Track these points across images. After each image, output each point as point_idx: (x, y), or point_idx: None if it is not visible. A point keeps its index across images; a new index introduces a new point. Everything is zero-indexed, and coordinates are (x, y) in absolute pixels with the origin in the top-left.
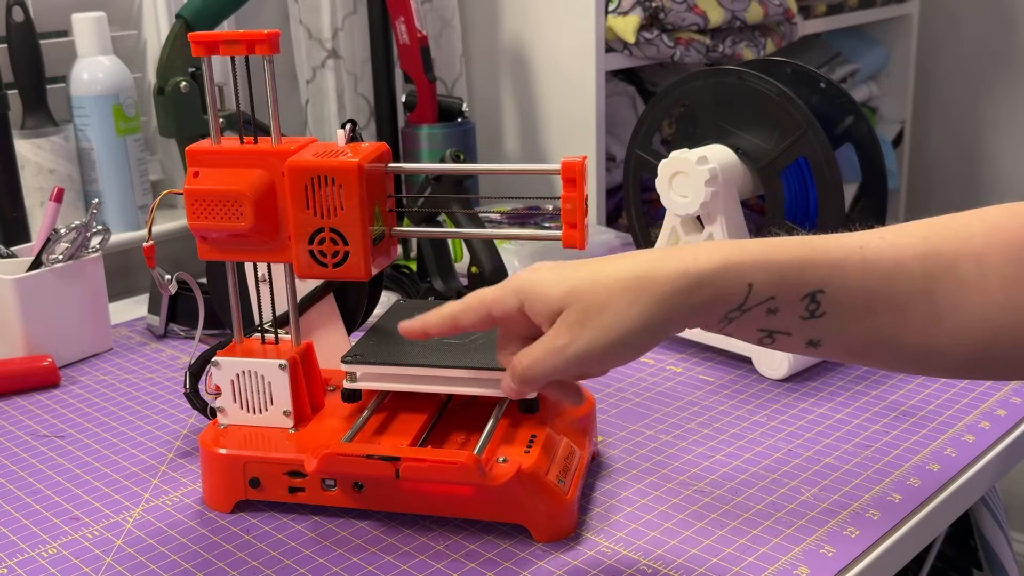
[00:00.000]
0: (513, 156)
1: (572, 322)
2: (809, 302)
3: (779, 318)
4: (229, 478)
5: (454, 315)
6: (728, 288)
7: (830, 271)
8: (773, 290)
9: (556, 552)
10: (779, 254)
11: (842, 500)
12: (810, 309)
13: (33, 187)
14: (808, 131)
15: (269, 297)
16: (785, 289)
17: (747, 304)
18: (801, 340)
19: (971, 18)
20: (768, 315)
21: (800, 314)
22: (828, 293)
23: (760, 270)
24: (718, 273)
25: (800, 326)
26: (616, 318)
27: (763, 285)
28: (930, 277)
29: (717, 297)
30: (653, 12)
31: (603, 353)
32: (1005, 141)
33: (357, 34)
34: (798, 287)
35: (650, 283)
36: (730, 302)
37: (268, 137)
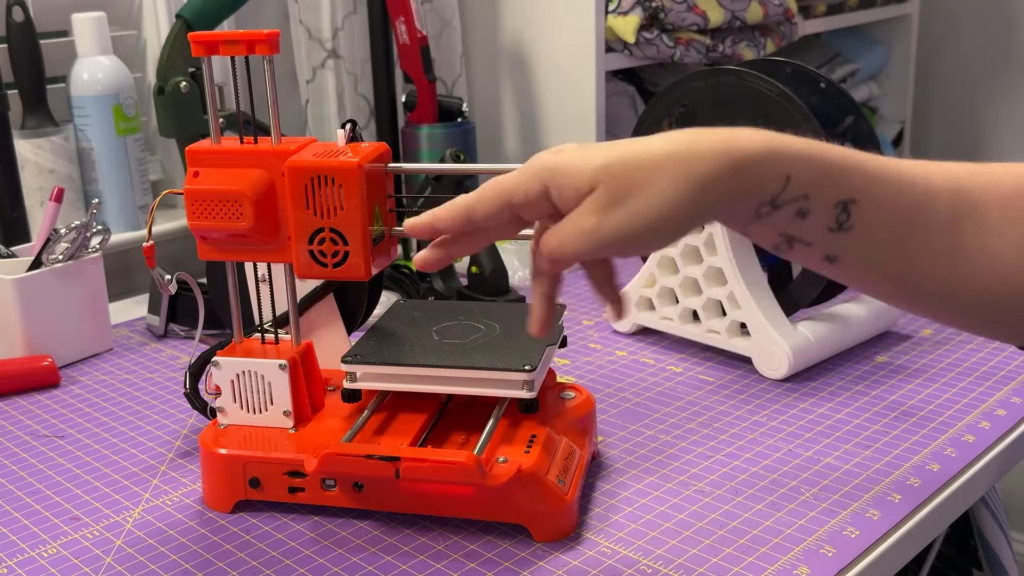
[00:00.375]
0: (513, 156)
1: (604, 201)
2: (840, 211)
3: (807, 223)
4: (229, 478)
5: (468, 206)
6: (766, 176)
7: (867, 182)
8: (809, 187)
9: (556, 552)
10: (823, 152)
11: (842, 500)
12: (839, 220)
13: (33, 187)
14: (808, 131)
15: (269, 297)
16: (821, 190)
17: (781, 199)
18: (820, 253)
19: (971, 18)
20: (796, 218)
21: (829, 224)
22: (860, 204)
23: (802, 163)
24: (760, 158)
25: (824, 238)
26: (651, 199)
27: (801, 180)
28: (958, 214)
29: (754, 184)
30: (653, 12)
31: (636, 236)
32: (1005, 141)
33: (357, 34)
34: (834, 191)
35: (689, 162)
36: (765, 192)
37: (268, 137)
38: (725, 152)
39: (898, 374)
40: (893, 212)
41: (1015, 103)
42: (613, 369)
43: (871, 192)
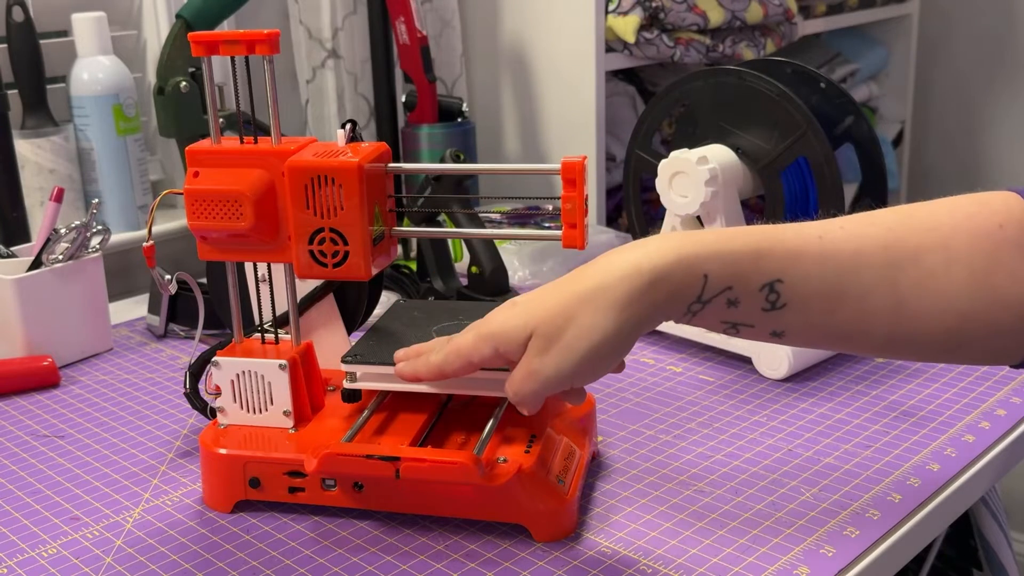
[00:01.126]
0: (513, 156)
1: (540, 347)
2: (768, 292)
3: (741, 310)
4: (229, 478)
5: (441, 369)
6: (684, 281)
7: (787, 261)
8: (729, 280)
9: (556, 552)
10: (733, 243)
11: (842, 500)
12: (770, 300)
13: (33, 187)
14: (808, 131)
15: (269, 297)
16: (741, 279)
17: (705, 295)
18: (765, 331)
19: (971, 18)
20: (729, 306)
21: (761, 305)
22: (787, 283)
23: (714, 260)
24: (671, 267)
25: (762, 317)
26: (579, 335)
27: (718, 275)
28: (894, 266)
29: (675, 291)
30: (653, 12)
31: (574, 371)
32: (1005, 141)
33: (357, 34)
34: (755, 277)
35: (604, 291)
36: (689, 295)
37: (268, 137)
38: (636, 273)
39: (898, 374)
40: (821, 282)
41: (1015, 103)
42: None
43: (794, 269)
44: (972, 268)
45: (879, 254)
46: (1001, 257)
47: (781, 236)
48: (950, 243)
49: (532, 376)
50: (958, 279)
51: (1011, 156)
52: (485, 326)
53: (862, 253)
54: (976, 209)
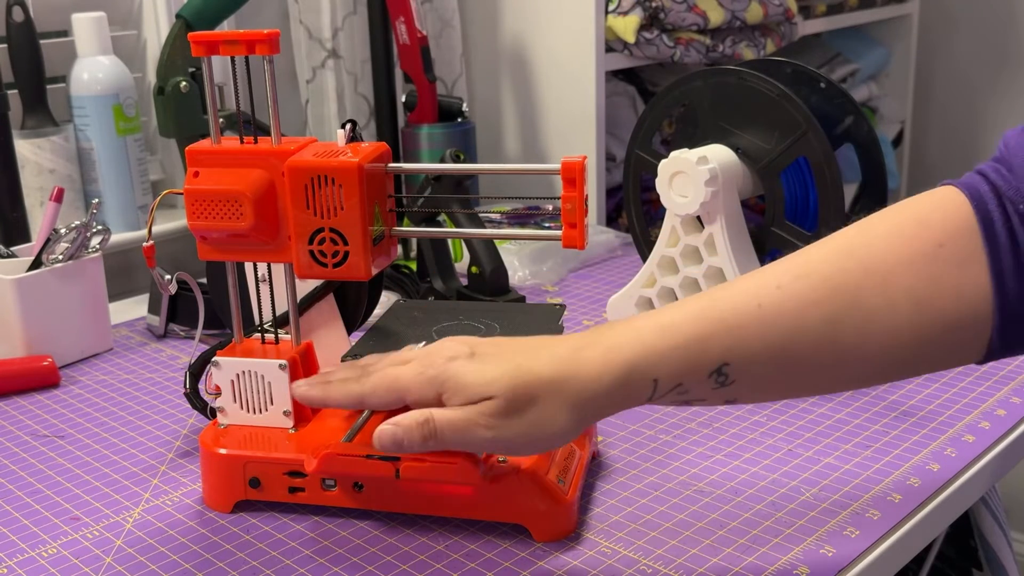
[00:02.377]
0: (513, 156)
1: (496, 413)
2: (716, 375)
3: (692, 394)
4: (229, 478)
5: (362, 397)
6: (636, 387)
7: (731, 342)
8: (679, 378)
9: (556, 552)
10: (677, 338)
11: (842, 500)
12: (719, 381)
13: (33, 187)
14: (808, 131)
15: (269, 297)
16: (690, 373)
17: (656, 395)
18: (718, 402)
19: (971, 18)
20: (681, 394)
21: (711, 387)
22: (733, 364)
23: (662, 363)
24: (626, 379)
25: (713, 394)
26: (538, 419)
27: (668, 376)
28: (834, 321)
29: (628, 395)
30: (653, 12)
31: (525, 446)
32: None
33: (357, 34)
34: (702, 367)
35: (568, 388)
36: (642, 396)
37: (268, 137)
38: (598, 378)
39: None
40: (764, 354)
41: (1015, 103)
42: None
43: (737, 349)
44: (915, 298)
45: (817, 310)
46: (943, 281)
47: (720, 313)
48: (888, 279)
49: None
50: (901, 313)
51: None
52: (436, 369)
53: (800, 315)
54: (914, 231)
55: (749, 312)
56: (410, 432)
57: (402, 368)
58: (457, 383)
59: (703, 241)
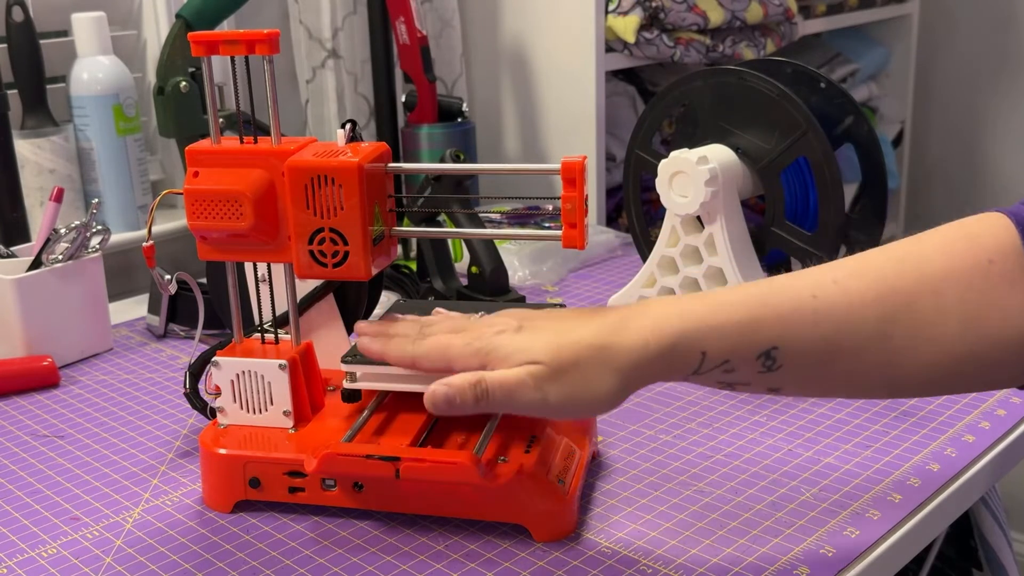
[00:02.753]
0: (513, 156)
1: (544, 376)
2: (765, 359)
3: (738, 375)
4: (229, 478)
5: (415, 358)
6: (683, 357)
7: (783, 328)
8: (727, 354)
9: (556, 552)
10: (731, 315)
11: (842, 500)
12: (766, 365)
13: (33, 187)
14: (808, 131)
15: (269, 297)
16: (739, 351)
17: (703, 369)
18: (761, 388)
19: (971, 18)
20: (726, 373)
21: (757, 370)
22: (782, 349)
23: (713, 336)
24: (673, 345)
25: (759, 378)
26: (583, 382)
27: (716, 351)
28: (887, 320)
29: (674, 365)
30: (653, 12)
31: (569, 409)
32: (1005, 141)
33: (357, 34)
34: (752, 347)
35: (613, 354)
36: (687, 368)
37: (268, 137)
38: (643, 347)
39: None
40: (815, 343)
41: (1015, 103)
42: None
43: (788, 334)
44: (965, 311)
45: (872, 308)
46: (992, 296)
47: (776, 301)
48: (941, 287)
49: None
50: (951, 324)
51: (1011, 156)
52: (481, 341)
53: (854, 310)
54: (965, 246)
55: (803, 301)
56: (463, 392)
57: (454, 337)
58: (500, 353)
59: (703, 241)
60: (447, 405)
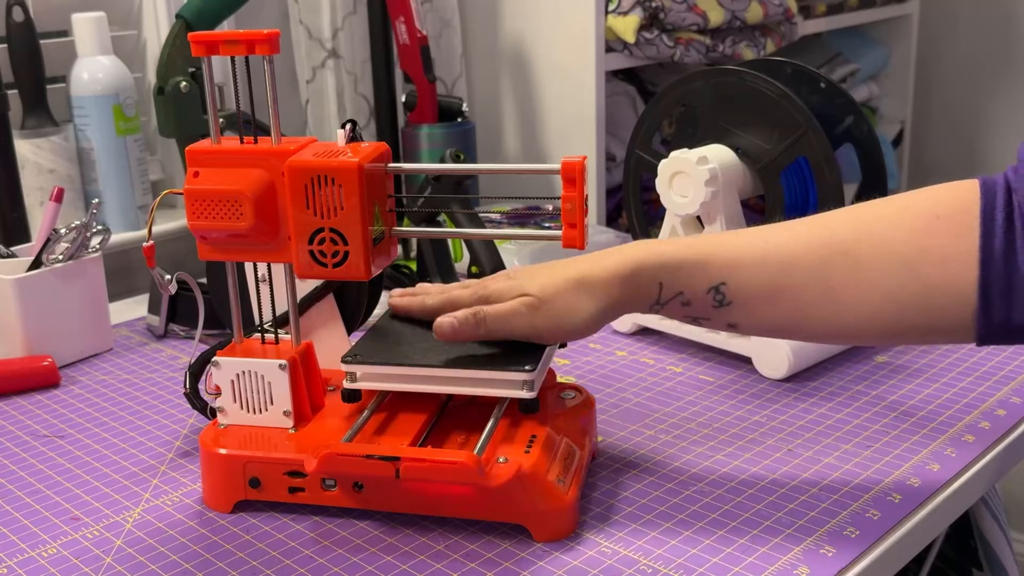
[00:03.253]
0: (513, 156)
1: (531, 304)
2: (715, 294)
3: (695, 308)
4: (229, 478)
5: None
6: (643, 286)
7: (729, 267)
8: (680, 286)
9: (556, 552)
10: (685, 252)
11: (842, 500)
12: (717, 299)
13: (33, 187)
14: (808, 131)
15: (269, 297)
16: (690, 285)
17: (661, 299)
18: (721, 323)
19: (971, 18)
20: (684, 306)
21: (711, 304)
22: (729, 284)
23: (667, 269)
24: (634, 274)
25: (715, 313)
26: (565, 308)
27: (671, 283)
28: (825, 262)
29: (638, 293)
30: (653, 12)
31: (555, 330)
32: (1005, 141)
33: (357, 34)
34: (702, 282)
35: (589, 283)
36: (649, 298)
37: (268, 137)
38: (614, 272)
39: (898, 374)
40: (760, 281)
41: (1015, 103)
42: (613, 369)
43: (735, 272)
44: (902, 256)
45: (814, 252)
46: (933, 243)
47: (727, 243)
48: (884, 236)
49: (520, 316)
50: (887, 267)
51: (1011, 155)
52: (485, 290)
53: (797, 253)
54: (920, 202)
55: (753, 244)
56: (465, 322)
57: (463, 291)
58: (497, 294)
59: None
60: (452, 332)
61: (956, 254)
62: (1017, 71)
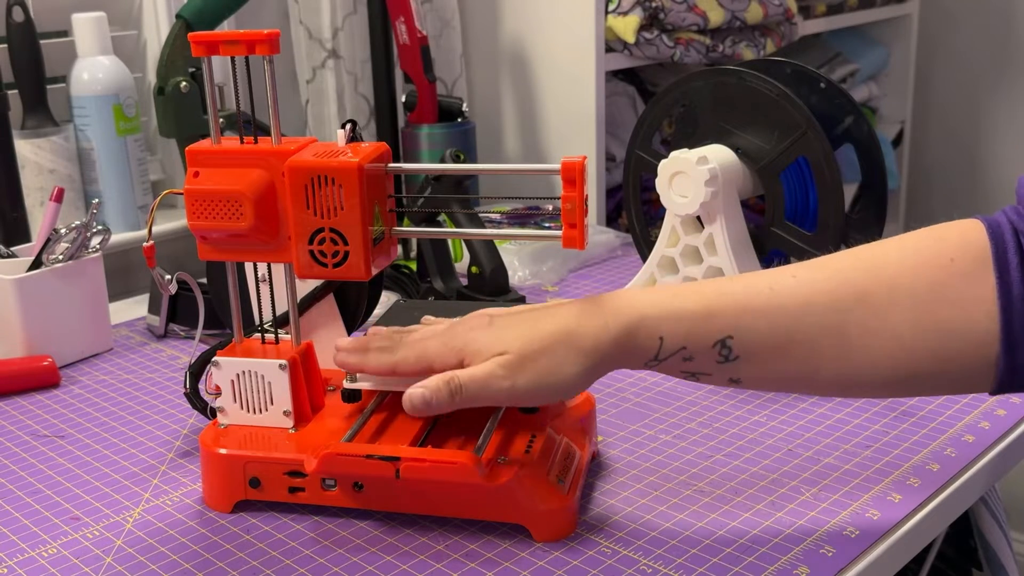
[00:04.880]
0: (513, 156)
1: (512, 364)
2: (720, 348)
3: (696, 363)
4: (229, 478)
5: (395, 364)
6: (642, 342)
7: (737, 317)
8: (683, 341)
9: (556, 552)
10: (688, 304)
11: (842, 500)
12: (723, 354)
13: (33, 187)
14: (808, 131)
15: (269, 297)
16: (695, 338)
17: (661, 355)
18: (722, 379)
19: (971, 18)
20: (685, 362)
21: (715, 359)
22: (736, 338)
23: (670, 322)
24: (632, 329)
25: (717, 368)
26: (550, 366)
27: (673, 337)
28: (839, 310)
29: (634, 350)
30: (653, 12)
31: (537, 393)
32: (1005, 141)
33: (357, 34)
34: (707, 335)
35: (577, 338)
36: (646, 354)
37: (268, 137)
38: (604, 329)
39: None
40: (769, 334)
41: (1015, 103)
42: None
43: (742, 324)
44: (915, 301)
45: (825, 299)
46: (947, 288)
47: (732, 291)
48: (896, 281)
49: (497, 382)
50: (901, 313)
51: (1011, 155)
52: (456, 339)
53: (809, 301)
54: (929, 244)
55: (760, 293)
56: (438, 392)
57: (430, 340)
58: (475, 347)
59: (703, 241)
60: (425, 406)
61: (973, 299)
62: (1017, 71)
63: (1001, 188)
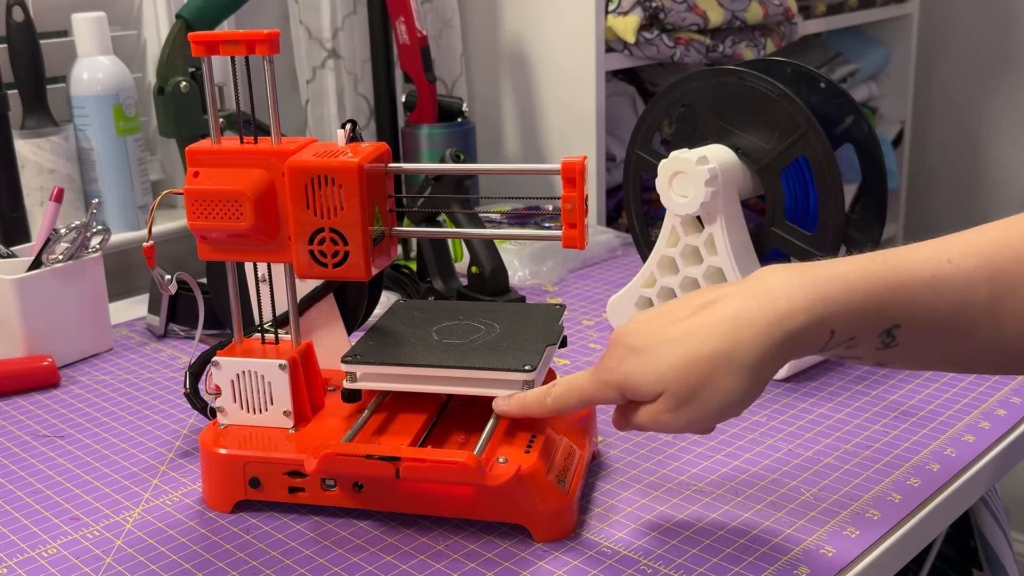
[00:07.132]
0: (513, 156)
1: (672, 406)
2: (885, 336)
3: (856, 350)
4: (229, 478)
5: (555, 408)
6: (811, 338)
7: (906, 305)
8: (853, 332)
9: (556, 552)
10: (859, 294)
11: (842, 500)
12: (885, 342)
13: (33, 187)
14: (808, 131)
15: (269, 297)
16: (864, 329)
17: (828, 346)
18: (871, 362)
19: (971, 18)
20: (846, 348)
21: (875, 345)
22: (903, 327)
23: (842, 316)
24: (802, 326)
25: (873, 354)
26: (712, 396)
27: (844, 329)
28: (996, 300)
29: (802, 345)
30: (653, 12)
31: (704, 424)
32: (1005, 141)
33: (357, 34)
34: (876, 325)
35: (738, 355)
36: (813, 348)
37: (268, 137)
38: (768, 335)
39: (898, 374)
40: (934, 321)
41: (1015, 102)
42: None
43: (911, 313)
44: None
45: (984, 288)
46: None
47: (900, 282)
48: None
49: (658, 423)
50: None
51: (1012, 155)
52: (612, 375)
53: (972, 289)
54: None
55: (924, 281)
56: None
57: (580, 380)
58: (635, 387)
59: (703, 241)
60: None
61: None
62: (1017, 71)
63: (1001, 187)
